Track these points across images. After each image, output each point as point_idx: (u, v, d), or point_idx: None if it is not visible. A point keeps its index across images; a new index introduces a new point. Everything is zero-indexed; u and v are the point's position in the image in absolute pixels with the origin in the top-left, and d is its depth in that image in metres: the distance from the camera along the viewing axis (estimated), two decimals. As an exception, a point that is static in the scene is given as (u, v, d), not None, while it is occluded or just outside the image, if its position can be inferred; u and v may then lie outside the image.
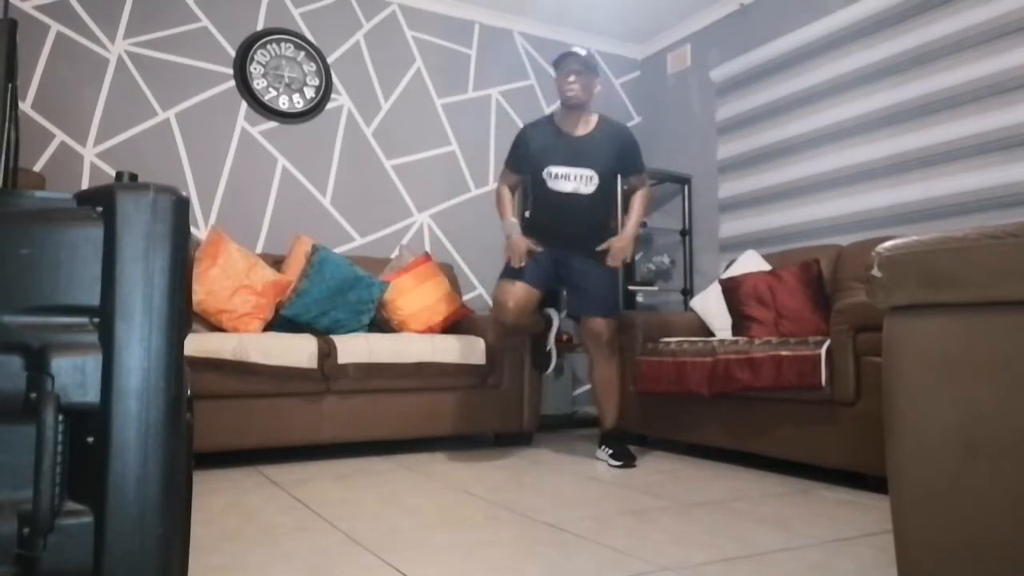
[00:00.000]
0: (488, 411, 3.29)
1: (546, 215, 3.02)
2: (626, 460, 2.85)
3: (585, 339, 3.04)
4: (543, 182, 2.98)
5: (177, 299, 0.86)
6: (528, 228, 3.05)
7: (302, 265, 3.30)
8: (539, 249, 2.97)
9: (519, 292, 2.91)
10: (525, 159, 3.04)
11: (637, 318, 3.42)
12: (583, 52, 2.94)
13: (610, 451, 2.92)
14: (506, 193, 3.11)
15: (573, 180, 2.93)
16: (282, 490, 2.38)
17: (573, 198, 2.95)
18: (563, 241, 2.98)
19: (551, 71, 3.23)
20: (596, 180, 2.94)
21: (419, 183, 4.16)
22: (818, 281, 3.01)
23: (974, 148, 2.99)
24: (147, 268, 0.84)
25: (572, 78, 2.90)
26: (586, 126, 2.98)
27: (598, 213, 3.02)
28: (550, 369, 3.14)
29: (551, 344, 3.14)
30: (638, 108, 4.93)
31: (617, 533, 1.86)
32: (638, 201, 3.08)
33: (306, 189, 3.89)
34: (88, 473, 0.80)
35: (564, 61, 2.93)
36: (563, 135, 2.98)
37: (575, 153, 2.94)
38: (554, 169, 2.95)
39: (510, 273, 2.96)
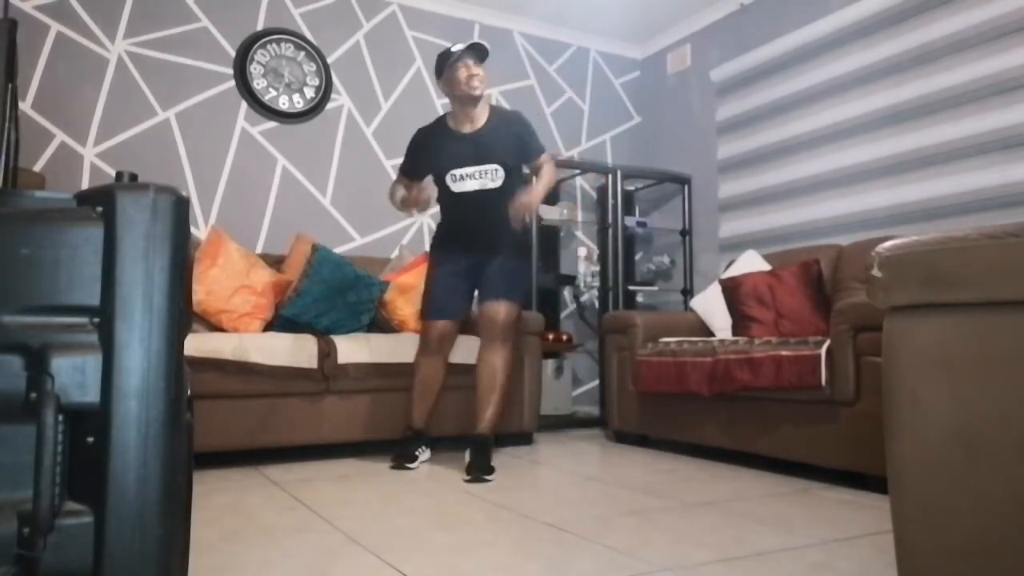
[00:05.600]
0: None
1: (456, 220, 2.92)
2: (476, 476, 2.55)
3: (480, 326, 2.90)
4: (447, 187, 2.88)
5: (177, 299, 0.86)
6: (442, 239, 2.96)
7: (302, 265, 3.29)
8: (429, 195, 2.86)
9: (440, 329, 2.86)
10: (421, 165, 2.94)
11: (637, 318, 3.42)
12: (480, 41, 2.84)
13: (468, 459, 2.66)
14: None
15: (477, 178, 2.82)
16: (282, 490, 2.38)
17: (481, 196, 2.83)
18: (478, 245, 2.86)
19: (455, 70, 2.86)
20: (502, 173, 2.81)
21: (419, 183, 4.16)
22: (818, 281, 3.01)
23: (974, 148, 2.99)
24: (147, 268, 0.84)
25: (478, 71, 2.78)
26: (478, 121, 2.86)
27: (507, 209, 2.81)
28: (409, 464, 2.80)
29: (419, 456, 2.86)
30: (638, 108, 4.93)
31: (617, 533, 1.85)
32: (547, 166, 2.93)
33: (306, 189, 3.89)
34: (88, 473, 0.80)
35: (465, 53, 2.77)
36: (456, 136, 2.86)
37: (473, 151, 2.83)
38: (456, 171, 2.84)
39: (432, 314, 2.88)
